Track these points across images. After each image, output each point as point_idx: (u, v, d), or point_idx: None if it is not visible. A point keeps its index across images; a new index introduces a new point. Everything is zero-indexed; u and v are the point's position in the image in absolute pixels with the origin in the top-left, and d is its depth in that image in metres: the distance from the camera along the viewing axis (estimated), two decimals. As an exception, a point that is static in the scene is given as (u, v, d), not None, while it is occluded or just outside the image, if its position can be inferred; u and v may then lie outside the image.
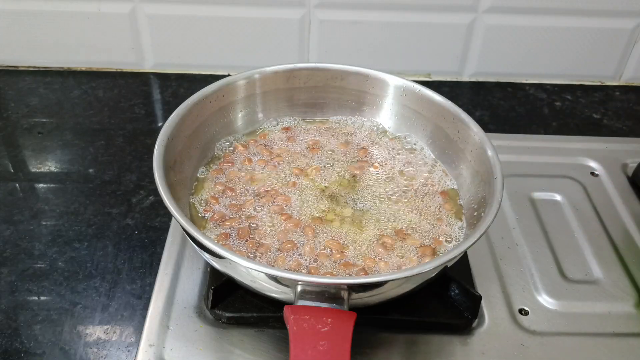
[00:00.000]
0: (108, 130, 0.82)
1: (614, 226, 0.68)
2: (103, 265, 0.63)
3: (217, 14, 0.89)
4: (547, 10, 0.88)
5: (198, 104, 0.62)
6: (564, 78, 0.96)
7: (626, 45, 0.92)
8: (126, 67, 0.95)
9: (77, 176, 0.74)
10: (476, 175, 0.60)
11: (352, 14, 0.89)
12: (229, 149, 0.66)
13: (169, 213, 0.51)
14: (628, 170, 0.76)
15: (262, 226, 0.57)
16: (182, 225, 0.49)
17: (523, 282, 0.61)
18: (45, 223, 0.68)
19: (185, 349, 0.54)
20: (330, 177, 0.63)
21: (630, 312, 0.59)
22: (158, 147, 0.55)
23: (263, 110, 0.69)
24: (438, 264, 0.48)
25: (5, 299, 0.59)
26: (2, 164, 0.76)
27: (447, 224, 0.59)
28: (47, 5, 0.88)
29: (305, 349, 0.44)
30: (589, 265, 0.64)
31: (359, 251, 0.55)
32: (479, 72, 0.96)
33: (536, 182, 0.74)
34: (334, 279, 0.50)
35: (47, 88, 0.91)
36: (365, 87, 0.69)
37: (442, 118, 0.65)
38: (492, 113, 0.90)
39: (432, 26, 0.90)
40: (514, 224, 0.68)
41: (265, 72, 0.67)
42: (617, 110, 0.91)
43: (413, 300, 0.56)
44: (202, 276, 0.60)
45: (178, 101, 0.62)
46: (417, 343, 0.55)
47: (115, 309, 0.59)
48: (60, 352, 0.55)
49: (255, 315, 0.55)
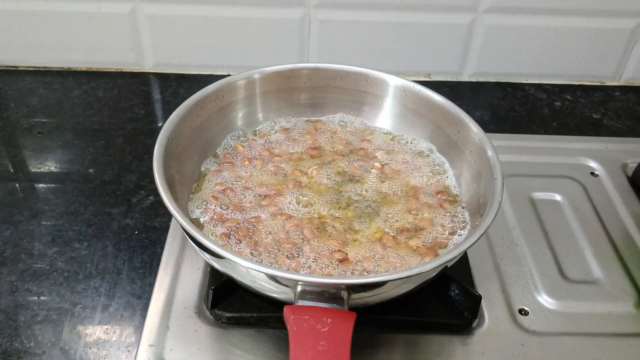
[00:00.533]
0: (108, 130, 0.82)
1: (614, 226, 0.68)
2: (103, 265, 0.63)
3: (217, 14, 0.89)
4: (547, 10, 0.88)
5: (198, 104, 0.62)
6: (564, 78, 0.96)
7: (626, 45, 0.92)
8: (126, 67, 0.95)
9: (77, 176, 0.74)
10: (476, 175, 0.60)
11: (352, 14, 0.89)
12: (229, 149, 0.66)
13: (169, 213, 0.51)
14: (628, 170, 0.76)
15: (262, 226, 0.57)
16: (182, 225, 0.49)
17: (523, 282, 0.61)
18: (45, 223, 0.68)
19: (185, 349, 0.54)
20: (330, 177, 0.63)
21: (630, 312, 0.59)
22: (158, 147, 0.55)
23: (263, 110, 0.69)
24: (438, 264, 0.48)
25: (5, 299, 0.59)
26: (2, 164, 0.76)
27: (447, 224, 0.59)
28: (47, 5, 0.88)
29: (305, 349, 0.44)
30: (589, 265, 0.64)
31: (359, 251, 0.55)
32: (479, 72, 0.96)
33: (536, 182, 0.74)
34: (334, 279, 0.50)
35: (47, 88, 0.91)
36: (365, 87, 0.69)
37: (442, 118, 0.65)
38: (492, 113, 0.90)
39: (432, 26, 0.90)
40: (514, 224, 0.68)
41: (265, 72, 0.67)
42: (617, 110, 0.91)
43: (413, 300, 0.56)
44: (202, 276, 0.60)
45: (178, 101, 0.62)
46: (417, 343, 0.55)
47: (115, 309, 0.59)
48: (60, 352, 0.55)
49: (255, 315, 0.55)
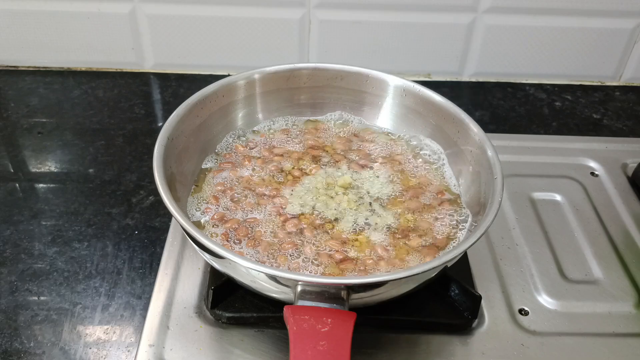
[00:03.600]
0: (108, 130, 0.82)
1: (614, 226, 0.68)
2: (103, 265, 0.63)
3: (217, 14, 0.89)
4: (547, 10, 0.88)
5: (198, 104, 0.62)
6: (564, 78, 0.96)
7: (626, 45, 0.92)
8: (126, 67, 0.95)
9: (77, 176, 0.74)
10: (476, 175, 0.60)
11: (352, 14, 0.89)
12: (229, 149, 0.66)
13: (169, 213, 0.51)
14: (628, 170, 0.76)
15: (262, 226, 0.57)
16: (182, 225, 0.49)
17: (523, 282, 0.61)
18: (45, 223, 0.68)
19: (185, 349, 0.54)
20: (330, 177, 0.63)
21: (630, 312, 0.59)
22: (158, 147, 0.55)
23: (263, 110, 0.69)
24: (438, 264, 0.48)
25: (5, 299, 0.59)
26: (2, 164, 0.76)
27: (447, 224, 0.59)
28: (47, 5, 0.88)
29: (305, 349, 0.44)
30: (589, 265, 0.64)
31: (359, 251, 0.55)
32: (479, 72, 0.96)
33: (536, 182, 0.74)
34: (334, 279, 0.50)
35: (47, 88, 0.91)
36: (365, 87, 0.69)
37: (442, 118, 0.65)
38: (492, 113, 0.90)
39: (432, 26, 0.90)
40: (514, 224, 0.68)
41: (265, 72, 0.67)
42: (617, 110, 0.91)
43: (413, 300, 0.56)
44: (202, 276, 0.60)
45: (178, 101, 0.62)
46: (417, 343, 0.55)
47: (115, 309, 0.59)
48: (60, 352, 0.55)
49: (255, 315, 0.55)
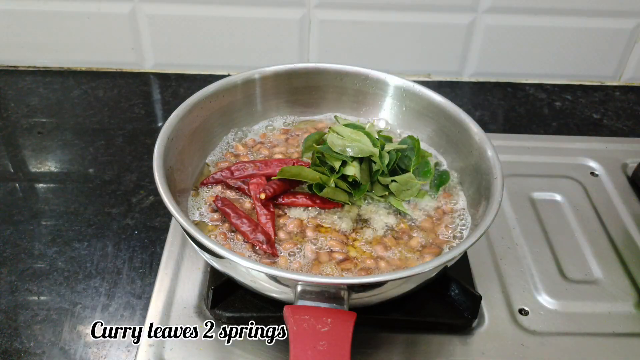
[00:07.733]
0: (108, 130, 0.82)
1: (614, 226, 0.68)
2: (103, 265, 0.63)
3: (217, 14, 0.89)
4: (547, 10, 0.88)
5: (198, 104, 0.62)
6: (564, 78, 0.96)
7: (626, 45, 0.92)
8: (126, 67, 0.95)
9: (77, 176, 0.74)
10: (476, 176, 0.60)
11: (352, 14, 0.89)
12: (229, 149, 0.66)
13: (169, 213, 0.51)
14: (628, 170, 0.76)
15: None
16: (182, 225, 0.49)
17: (523, 282, 0.61)
18: (45, 223, 0.68)
19: (185, 349, 0.54)
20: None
21: (630, 312, 0.59)
22: (158, 147, 0.55)
23: (263, 110, 0.69)
24: (438, 264, 0.48)
25: (5, 299, 0.59)
26: (2, 164, 0.76)
27: (447, 224, 0.59)
28: (47, 5, 0.88)
29: (305, 349, 0.44)
30: (589, 265, 0.64)
31: (360, 251, 0.55)
32: (479, 72, 0.96)
33: (536, 182, 0.74)
34: (334, 279, 0.50)
35: (47, 88, 0.91)
36: (365, 87, 0.69)
37: (442, 118, 0.65)
38: (492, 113, 0.90)
39: (432, 26, 0.90)
40: (514, 224, 0.68)
41: (265, 72, 0.67)
42: (617, 110, 0.91)
43: (413, 300, 0.56)
44: (202, 276, 0.60)
45: (178, 101, 0.62)
46: (417, 343, 0.55)
47: (115, 309, 0.59)
48: (60, 352, 0.55)
49: (255, 315, 0.55)
